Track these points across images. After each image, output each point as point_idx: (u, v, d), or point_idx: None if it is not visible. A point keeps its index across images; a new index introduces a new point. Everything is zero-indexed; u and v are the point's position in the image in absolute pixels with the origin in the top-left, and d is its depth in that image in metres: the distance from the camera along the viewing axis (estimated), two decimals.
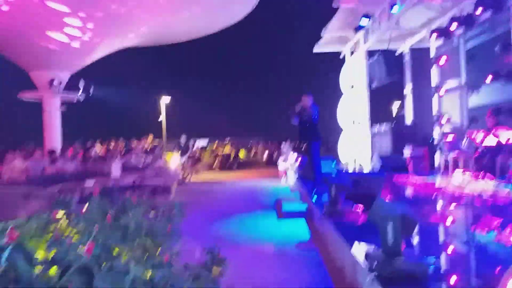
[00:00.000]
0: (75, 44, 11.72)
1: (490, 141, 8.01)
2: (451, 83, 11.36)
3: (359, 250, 3.29)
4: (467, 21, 9.47)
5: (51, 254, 1.93)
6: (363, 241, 3.56)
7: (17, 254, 1.43)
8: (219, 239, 2.55)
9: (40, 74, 12.19)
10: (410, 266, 2.54)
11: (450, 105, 11.39)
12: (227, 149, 19.84)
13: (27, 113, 16.67)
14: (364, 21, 11.37)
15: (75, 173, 7.60)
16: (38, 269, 1.60)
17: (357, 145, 12.40)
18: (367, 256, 2.84)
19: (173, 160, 14.00)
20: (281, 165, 12.90)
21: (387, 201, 3.29)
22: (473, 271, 3.07)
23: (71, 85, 12.81)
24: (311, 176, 7.15)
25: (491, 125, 8.44)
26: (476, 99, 10.66)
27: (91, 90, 13.40)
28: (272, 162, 20.08)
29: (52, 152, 9.43)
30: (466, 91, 10.99)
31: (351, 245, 3.49)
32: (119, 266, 1.71)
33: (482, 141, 8.25)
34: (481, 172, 8.13)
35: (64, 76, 12.52)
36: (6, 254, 1.41)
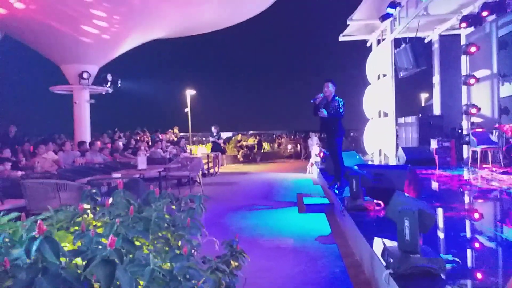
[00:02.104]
0: (104, 38, 12.02)
1: None
2: (482, 72, 10.99)
3: (377, 245, 3.29)
4: (499, 7, 9.14)
5: (77, 245, 2.04)
6: (382, 236, 3.57)
7: (45, 246, 1.52)
8: (239, 232, 2.63)
9: (70, 67, 12.58)
10: (426, 262, 2.53)
11: (480, 95, 11.04)
12: (251, 141, 19.90)
13: (59, 106, 17.27)
14: (391, 9, 11.11)
15: (103, 165, 7.85)
16: (64, 260, 1.70)
17: (383, 137, 12.22)
18: (383, 252, 2.85)
19: (198, 152, 14.22)
20: (312, 157, 12.87)
21: (407, 195, 3.27)
22: (493, 268, 3.02)
23: (100, 77, 13.16)
24: (333, 170, 7.08)
25: None
26: (508, 89, 10.29)
27: (119, 83, 13.73)
28: (296, 155, 20.01)
29: (81, 143, 9.76)
30: (498, 80, 10.62)
31: (370, 240, 3.50)
32: (140, 258, 1.80)
33: None
34: (510, 167, 7.89)
35: (93, 69, 12.87)
36: (35, 246, 1.51)
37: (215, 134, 14.12)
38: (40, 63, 14.91)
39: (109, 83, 13.22)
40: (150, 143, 13.61)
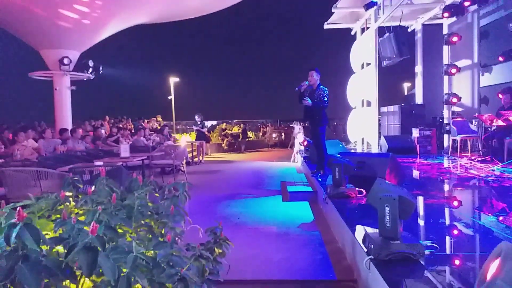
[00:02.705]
0: (85, 23, 11.73)
1: (500, 121, 7.93)
2: (463, 61, 11.16)
3: (359, 232, 3.36)
4: None
5: (58, 233, 2.02)
6: (364, 223, 3.63)
7: (25, 233, 1.50)
8: (223, 220, 2.65)
9: (50, 53, 12.28)
10: (406, 248, 2.59)
11: (461, 84, 11.23)
12: (236, 130, 19.86)
13: (39, 92, 16.90)
14: None
15: (85, 153, 7.74)
16: (45, 248, 1.68)
17: (365, 125, 12.35)
18: (365, 238, 2.90)
19: (182, 140, 14.15)
20: (296, 145, 12.91)
21: (388, 183, 3.32)
22: (470, 253, 3.11)
23: (81, 63, 12.89)
24: (316, 158, 7.14)
25: (506, 104, 8.35)
26: (487, 79, 10.50)
27: (101, 69, 13.47)
28: (281, 144, 20.08)
29: (63, 130, 9.58)
30: (478, 70, 10.80)
31: (352, 227, 3.56)
32: (123, 245, 1.79)
33: (491, 122, 8.18)
34: (489, 156, 8.09)
35: (74, 55, 12.59)
36: (15, 232, 1.48)
37: (199, 123, 14.05)
38: (18, 48, 14.52)
39: (90, 69, 12.97)
40: (132, 131, 13.46)
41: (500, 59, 9.46)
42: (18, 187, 4.80)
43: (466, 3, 9.42)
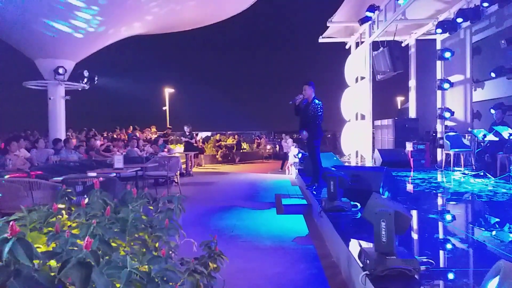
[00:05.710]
0: (81, 33, 11.74)
1: (493, 136, 8.00)
2: (456, 76, 11.30)
3: (354, 247, 3.34)
4: (473, 14, 9.40)
5: (51, 247, 1.98)
6: (359, 237, 3.62)
7: (18, 248, 1.47)
8: (217, 233, 2.61)
9: (45, 62, 12.24)
10: (402, 264, 2.58)
11: (454, 99, 11.35)
12: (230, 141, 19.86)
13: (32, 102, 16.80)
14: (370, 13, 11.31)
15: (78, 163, 7.68)
16: (37, 263, 1.65)
17: (359, 138, 12.42)
18: (360, 253, 2.89)
19: (176, 152, 14.09)
20: (291, 157, 12.91)
21: (384, 197, 3.32)
22: (467, 269, 3.10)
23: (77, 73, 12.84)
24: (311, 171, 7.14)
25: (498, 120, 8.46)
26: (480, 94, 10.62)
27: (96, 79, 13.45)
28: (275, 155, 20.09)
29: (56, 141, 9.51)
30: (471, 85, 10.94)
31: (347, 241, 3.54)
32: (117, 260, 1.76)
33: (484, 136, 8.25)
34: (482, 170, 8.14)
35: (69, 65, 12.55)
36: (8, 247, 1.46)
37: (187, 134, 13.99)
38: (13, 57, 14.47)
39: (85, 79, 12.93)
40: (126, 143, 13.39)
41: (492, 75, 9.59)
42: (9, 197, 4.73)
43: (459, 20, 9.57)
